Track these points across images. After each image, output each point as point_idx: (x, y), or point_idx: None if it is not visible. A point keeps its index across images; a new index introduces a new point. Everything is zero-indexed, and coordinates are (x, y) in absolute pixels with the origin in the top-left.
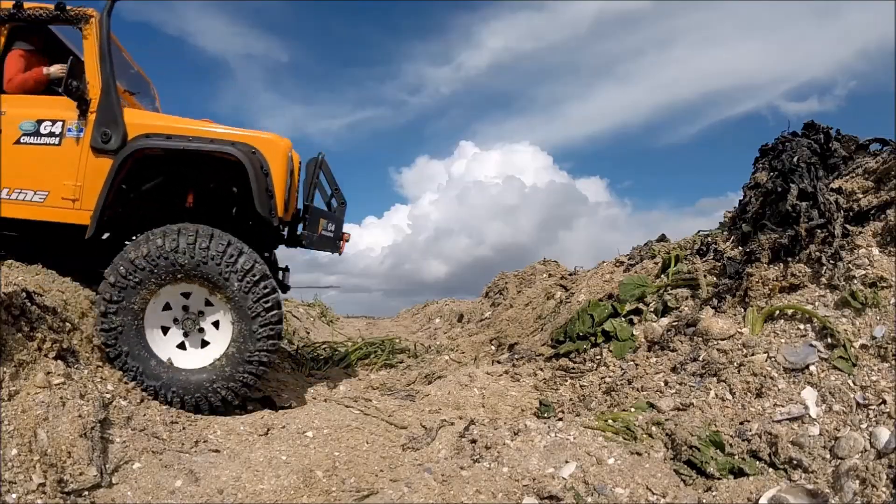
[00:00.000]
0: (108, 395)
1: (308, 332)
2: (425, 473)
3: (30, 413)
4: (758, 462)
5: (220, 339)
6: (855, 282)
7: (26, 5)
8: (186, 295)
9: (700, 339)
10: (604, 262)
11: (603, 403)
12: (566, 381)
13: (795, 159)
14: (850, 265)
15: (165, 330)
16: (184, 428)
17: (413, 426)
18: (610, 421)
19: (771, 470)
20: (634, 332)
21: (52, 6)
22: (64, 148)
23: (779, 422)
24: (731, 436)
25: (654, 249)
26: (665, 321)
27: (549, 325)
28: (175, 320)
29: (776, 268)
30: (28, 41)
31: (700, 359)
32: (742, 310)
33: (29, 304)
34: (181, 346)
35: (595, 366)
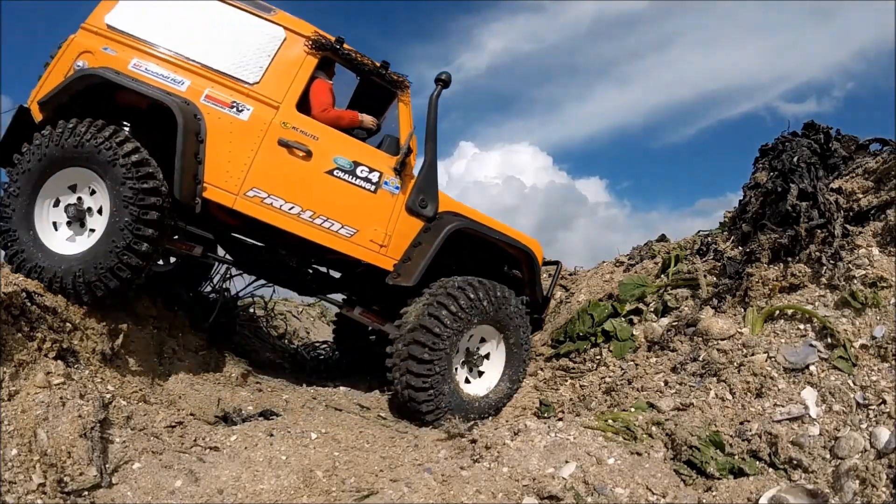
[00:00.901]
0: (108, 396)
1: (308, 332)
2: (425, 473)
3: (30, 413)
4: (758, 462)
5: (495, 368)
6: (855, 282)
7: (346, 46)
8: (478, 337)
9: (700, 339)
10: (604, 262)
11: (603, 403)
12: (566, 381)
13: (795, 159)
14: (850, 265)
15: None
16: (184, 428)
17: (413, 429)
18: (610, 421)
19: (771, 470)
20: (634, 332)
21: (372, 61)
22: (379, 196)
23: (779, 422)
24: (731, 436)
25: (654, 249)
26: (665, 321)
27: (549, 325)
28: (465, 359)
29: (776, 268)
30: (327, 74)
31: (700, 359)
32: (742, 310)
33: (29, 304)
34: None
35: (595, 366)
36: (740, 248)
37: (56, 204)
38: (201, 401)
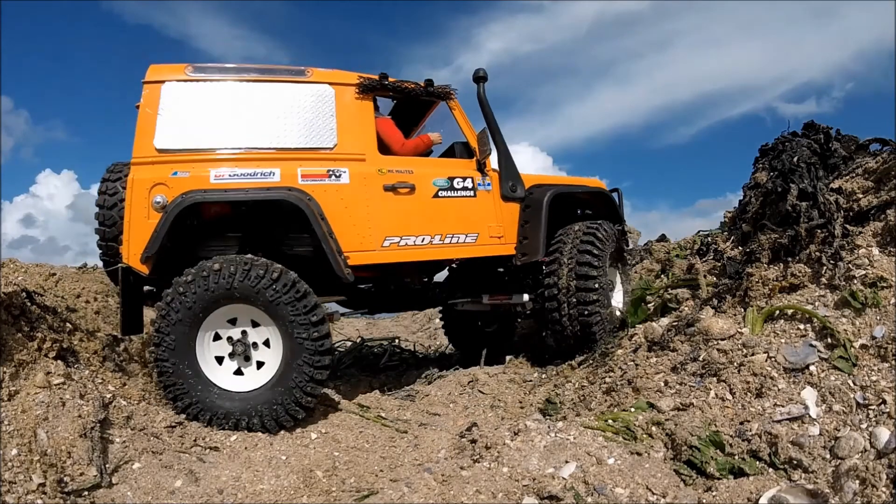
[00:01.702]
0: (108, 396)
1: None
2: (425, 473)
3: (30, 413)
4: (758, 462)
5: (620, 290)
6: (855, 282)
7: (391, 80)
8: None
9: (700, 339)
10: None
11: (603, 403)
12: (568, 380)
13: (795, 159)
14: (850, 265)
15: None
16: (184, 428)
17: (413, 429)
18: (610, 421)
19: (771, 470)
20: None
21: (416, 83)
22: (480, 198)
23: (779, 422)
24: (731, 436)
25: (654, 249)
26: (665, 321)
27: None
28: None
29: (776, 268)
30: (378, 110)
31: (700, 359)
32: (742, 310)
33: (29, 304)
34: None
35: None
36: (740, 248)
37: (216, 339)
38: None
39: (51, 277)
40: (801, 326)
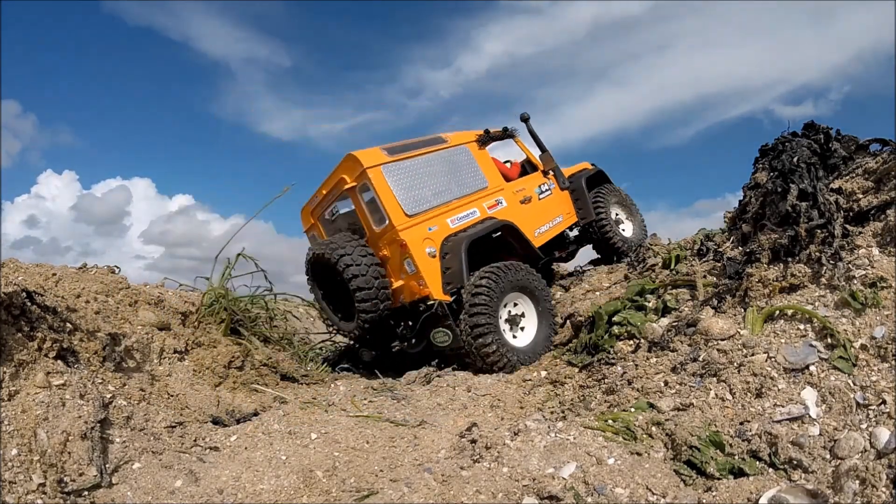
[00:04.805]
0: (108, 396)
1: (308, 332)
2: (425, 473)
3: (30, 413)
4: (758, 462)
5: (628, 221)
6: (855, 282)
7: (491, 131)
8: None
9: (700, 339)
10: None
11: (603, 403)
12: (568, 380)
13: (795, 159)
14: (850, 265)
15: None
16: (184, 428)
17: (413, 429)
18: (610, 421)
19: (771, 470)
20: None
21: (499, 130)
22: (555, 193)
23: (779, 422)
24: (731, 436)
25: (654, 249)
26: (665, 321)
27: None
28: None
29: (776, 268)
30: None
31: (700, 359)
32: (742, 310)
33: (29, 304)
34: None
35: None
36: (740, 248)
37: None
38: (201, 401)
39: (51, 277)
40: (801, 327)
